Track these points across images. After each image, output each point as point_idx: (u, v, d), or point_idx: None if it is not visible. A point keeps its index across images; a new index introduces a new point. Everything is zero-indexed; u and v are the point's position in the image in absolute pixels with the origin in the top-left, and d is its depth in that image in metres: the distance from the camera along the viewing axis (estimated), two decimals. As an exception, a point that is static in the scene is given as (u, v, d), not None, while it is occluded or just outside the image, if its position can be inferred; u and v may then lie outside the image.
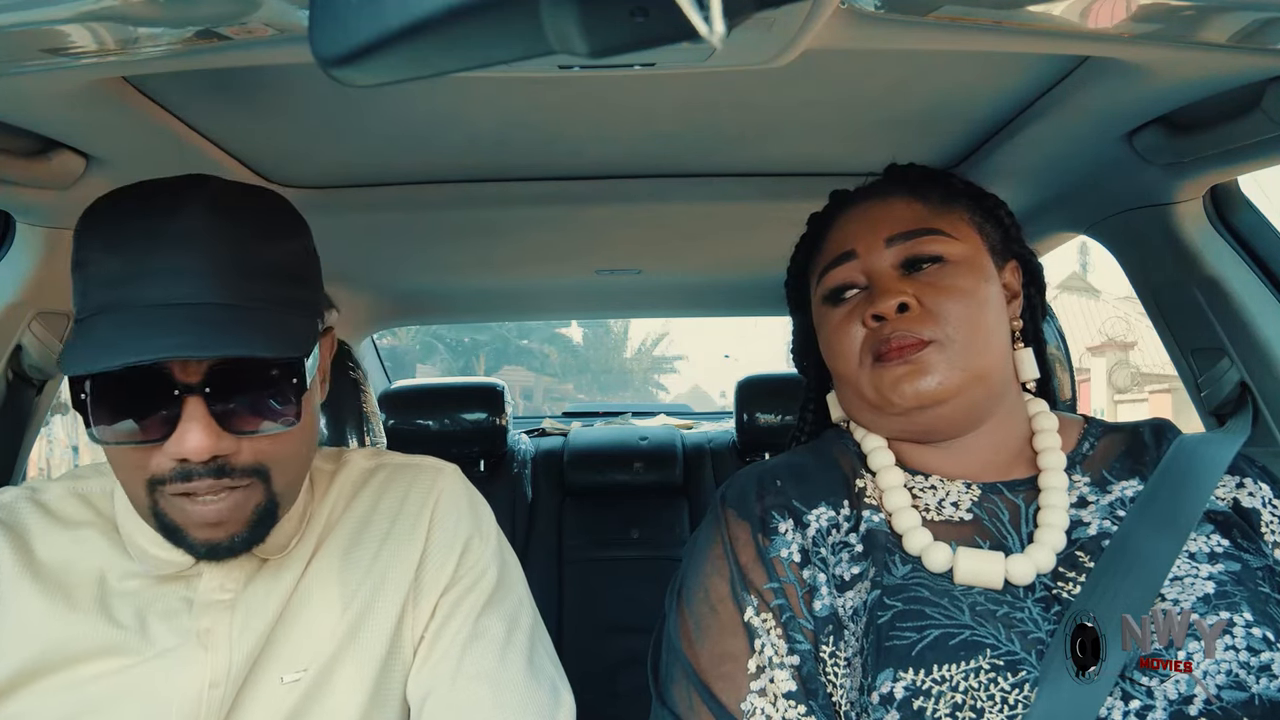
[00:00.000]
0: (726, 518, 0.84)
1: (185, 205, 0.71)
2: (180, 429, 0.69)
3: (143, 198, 0.74)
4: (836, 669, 0.74)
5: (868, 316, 0.83)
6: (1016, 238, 0.93)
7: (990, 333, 0.82)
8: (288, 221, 0.79)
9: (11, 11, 0.57)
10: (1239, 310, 1.10)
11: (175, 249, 0.70)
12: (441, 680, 0.83)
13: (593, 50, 0.32)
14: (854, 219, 0.90)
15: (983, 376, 0.81)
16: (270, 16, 0.60)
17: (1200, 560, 0.74)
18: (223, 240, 0.72)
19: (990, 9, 0.66)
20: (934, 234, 0.85)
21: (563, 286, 2.18)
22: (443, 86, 0.95)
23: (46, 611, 0.77)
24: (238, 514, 0.74)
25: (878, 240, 0.86)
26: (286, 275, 0.76)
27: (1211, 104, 0.86)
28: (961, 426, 0.84)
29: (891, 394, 0.81)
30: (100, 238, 0.72)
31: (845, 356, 0.86)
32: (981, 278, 0.84)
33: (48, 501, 0.83)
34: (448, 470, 0.96)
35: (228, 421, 0.71)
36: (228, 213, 0.73)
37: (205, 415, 0.70)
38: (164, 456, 0.71)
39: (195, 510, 0.72)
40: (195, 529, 0.73)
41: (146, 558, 0.80)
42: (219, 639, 0.79)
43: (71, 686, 0.76)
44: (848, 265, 0.87)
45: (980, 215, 0.90)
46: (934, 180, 0.92)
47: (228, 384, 0.71)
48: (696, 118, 1.07)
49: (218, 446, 0.71)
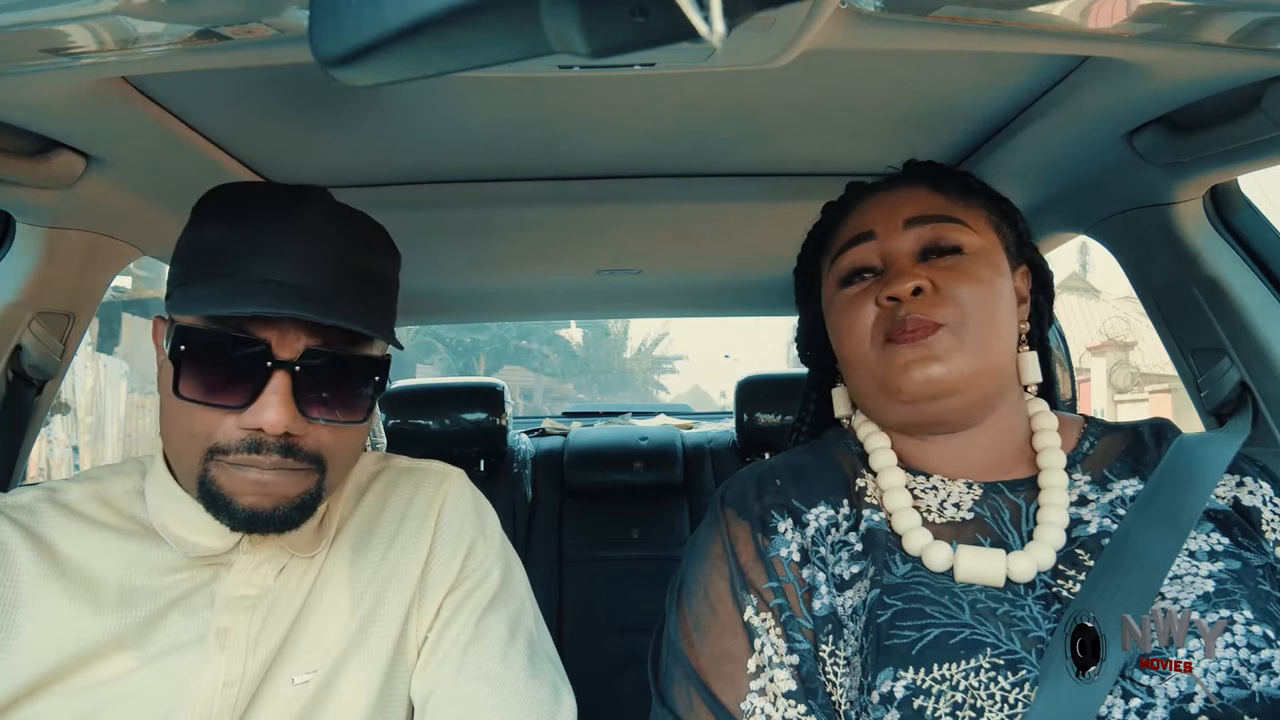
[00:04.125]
0: (726, 517, 0.84)
1: (304, 202, 0.79)
2: (262, 400, 0.74)
3: (264, 190, 0.84)
4: (836, 668, 0.74)
5: (882, 297, 0.82)
6: (1028, 243, 0.94)
7: (1002, 327, 0.83)
8: (388, 245, 0.87)
9: (11, 11, 0.57)
10: (1239, 310, 1.10)
11: (293, 234, 0.77)
12: (444, 680, 0.84)
13: (593, 50, 0.32)
14: (873, 205, 0.90)
15: (991, 369, 0.81)
16: (270, 16, 0.60)
17: (1200, 559, 0.74)
18: (336, 237, 0.79)
19: (990, 9, 0.67)
20: (955, 222, 0.85)
21: (563, 286, 2.18)
22: (443, 86, 0.95)
23: (74, 613, 0.77)
24: (290, 490, 0.77)
25: (897, 222, 0.86)
26: (381, 287, 0.84)
27: (1211, 104, 0.86)
28: (965, 419, 0.84)
29: (901, 379, 0.80)
30: (220, 214, 0.80)
31: (856, 337, 0.85)
32: (998, 272, 0.85)
33: (70, 503, 0.84)
34: (453, 474, 0.97)
35: (305, 405, 0.76)
36: (340, 217, 0.81)
37: (288, 392, 0.74)
38: (235, 425, 0.75)
39: (251, 476, 0.75)
40: (244, 495, 0.76)
41: (182, 543, 0.81)
42: (236, 639, 0.80)
43: (89, 686, 0.76)
44: (865, 246, 0.87)
45: (997, 215, 0.91)
46: (952, 177, 0.92)
47: (316, 369, 0.76)
48: (696, 118, 1.07)
49: (292, 425, 0.74)
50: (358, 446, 0.85)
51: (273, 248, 0.76)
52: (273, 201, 0.79)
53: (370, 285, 0.81)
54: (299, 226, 0.77)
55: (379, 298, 0.83)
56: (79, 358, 4.61)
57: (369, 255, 0.82)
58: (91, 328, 2.32)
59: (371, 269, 0.82)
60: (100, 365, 9.62)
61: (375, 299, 0.82)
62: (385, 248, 0.86)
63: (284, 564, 0.84)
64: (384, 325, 0.82)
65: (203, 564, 0.82)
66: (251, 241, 0.76)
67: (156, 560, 0.81)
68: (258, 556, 0.83)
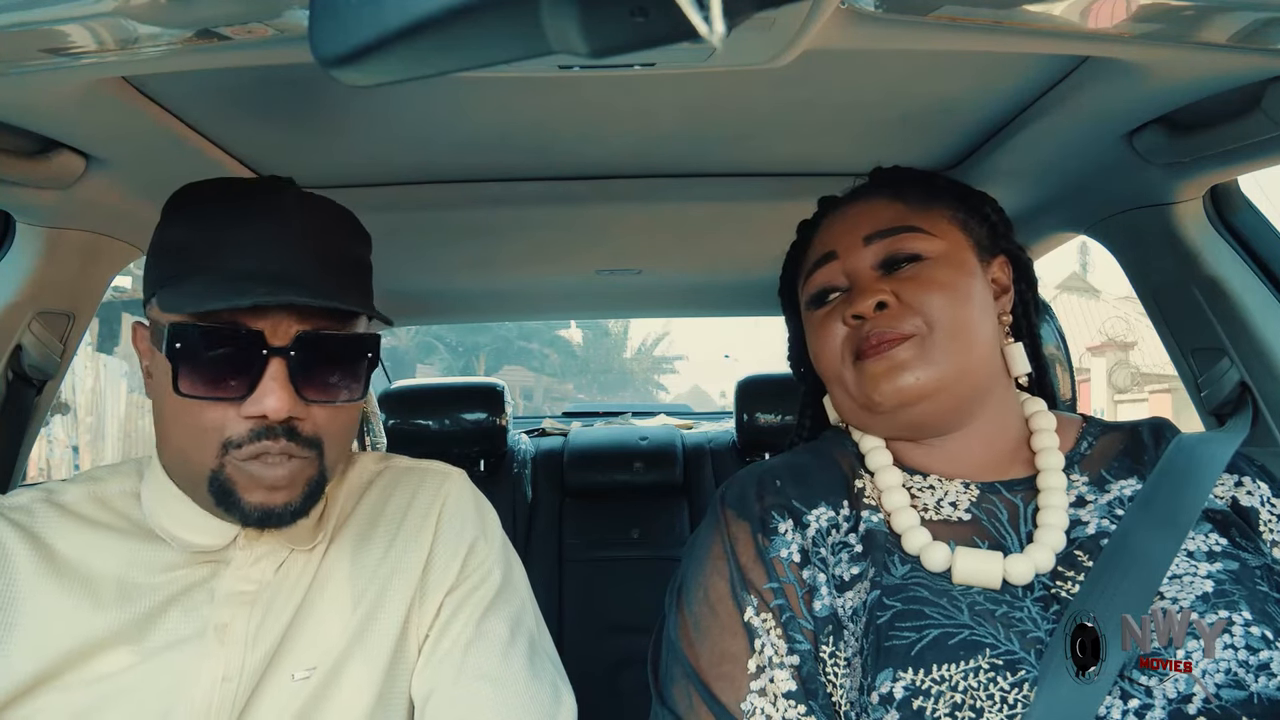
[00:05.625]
0: (726, 518, 0.84)
1: (279, 193, 0.81)
2: (261, 388, 0.75)
3: (238, 184, 0.84)
4: (836, 669, 0.74)
5: (848, 316, 0.84)
6: (1005, 234, 0.93)
7: (973, 328, 0.83)
8: (359, 228, 0.89)
9: (11, 11, 0.57)
10: (1239, 310, 1.10)
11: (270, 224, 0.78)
12: (444, 680, 0.84)
13: (593, 50, 0.32)
14: (836, 221, 0.92)
15: (966, 371, 0.81)
16: (270, 16, 0.60)
17: (1199, 559, 0.74)
18: (311, 224, 0.80)
19: (990, 9, 0.66)
20: (912, 231, 0.85)
21: (563, 286, 2.18)
22: (443, 86, 0.95)
23: (72, 609, 0.78)
24: (297, 481, 0.78)
25: (856, 240, 0.87)
26: (360, 270, 0.87)
27: (1211, 104, 0.86)
28: (949, 423, 0.84)
29: (873, 392, 0.81)
30: (194, 211, 0.80)
31: (829, 357, 0.87)
32: (963, 273, 0.85)
33: (67, 503, 0.84)
34: (454, 474, 0.97)
35: (303, 388, 0.77)
36: (312, 205, 0.82)
37: (286, 378, 0.75)
38: (240, 417, 0.75)
39: (263, 473, 0.76)
40: (256, 491, 0.77)
41: (178, 541, 0.82)
42: (235, 634, 0.80)
43: (88, 682, 0.76)
44: (829, 267, 0.89)
45: (964, 213, 0.90)
46: (916, 181, 0.92)
47: (309, 353, 0.77)
48: (696, 118, 1.07)
49: (294, 409, 0.76)
50: (352, 428, 0.86)
51: (255, 239, 0.77)
52: (249, 194, 0.81)
53: (347, 267, 0.84)
54: (278, 216, 0.79)
55: (356, 278, 0.85)
56: (79, 358, 4.61)
57: (344, 239, 0.84)
58: (91, 328, 2.33)
59: (346, 252, 0.84)
60: (100, 365, 9.62)
61: (354, 280, 0.85)
62: (357, 232, 0.88)
63: (283, 559, 0.85)
64: (367, 303, 0.84)
65: (201, 561, 0.82)
66: (233, 235, 0.77)
67: (154, 558, 0.82)
68: (255, 552, 0.83)
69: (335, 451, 0.83)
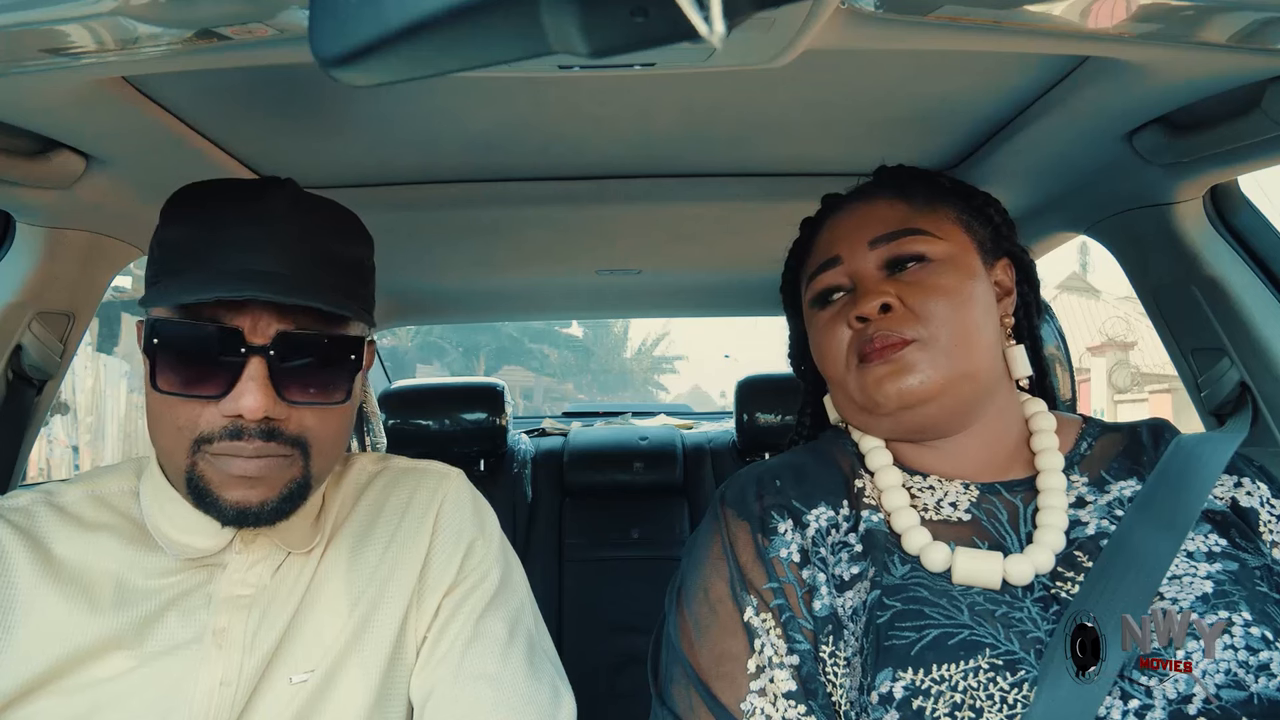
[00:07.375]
0: (726, 517, 0.84)
1: (270, 192, 0.80)
2: (239, 387, 0.74)
3: (231, 183, 0.83)
4: (836, 669, 0.74)
5: (852, 318, 0.84)
6: (1008, 235, 0.93)
7: (976, 330, 0.83)
8: (358, 230, 0.87)
9: (11, 11, 0.57)
10: (1239, 310, 1.10)
11: (257, 225, 0.77)
12: (443, 680, 0.84)
13: (593, 50, 0.32)
14: (840, 223, 0.91)
15: (969, 374, 0.81)
16: (270, 16, 0.60)
17: (1198, 559, 0.74)
18: (300, 225, 0.79)
19: (990, 9, 0.66)
20: (916, 233, 0.85)
21: (563, 286, 2.18)
22: (443, 86, 0.95)
23: (69, 613, 0.77)
24: (275, 478, 0.77)
25: (861, 243, 0.87)
26: (352, 272, 0.84)
27: (1211, 104, 0.86)
28: (951, 425, 0.84)
29: (876, 394, 0.81)
30: (187, 212, 0.80)
31: (833, 358, 0.87)
32: (966, 275, 0.85)
33: (65, 504, 0.84)
34: (453, 475, 0.97)
35: (284, 388, 0.76)
36: (306, 207, 0.81)
37: (265, 377, 0.74)
38: (217, 414, 0.75)
39: (236, 465, 0.75)
40: (230, 488, 0.76)
41: (173, 545, 0.81)
42: (233, 638, 0.80)
43: (86, 686, 0.76)
44: (833, 270, 0.89)
45: (968, 214, 0.90)
46: (920, 180, 0.92)
47: (290, 352, 0.76)
48: (696, 118, 1.07)
49: (272, 409, 0.75)
50: (343, 430, 0.85)
51: (239, 237, 0.77)
52: (239, 194, 0.80)
53: (339, 268, 0.82)
54: (265, 216, 0.78)
55: (349, 279, 0.84)
56: (79, 358, 4.61)
57: (340, 240, 0.83)
58: (91, 328, 2.33)
59: (339, 253, 0.82)
60: (100, 365, 9.62)
61: (345, 281, 0.83)
62: (355, 233, 0.86)
63: (280, 562, 0.84)
64: (354, 305, 0.82)
65: (197, 565, 0.82)
66: (226, 235, 0.77)
67: (152, 562, 0.81)
68: (252, 555, 0.83)
69: (324, 454, 0.81)
